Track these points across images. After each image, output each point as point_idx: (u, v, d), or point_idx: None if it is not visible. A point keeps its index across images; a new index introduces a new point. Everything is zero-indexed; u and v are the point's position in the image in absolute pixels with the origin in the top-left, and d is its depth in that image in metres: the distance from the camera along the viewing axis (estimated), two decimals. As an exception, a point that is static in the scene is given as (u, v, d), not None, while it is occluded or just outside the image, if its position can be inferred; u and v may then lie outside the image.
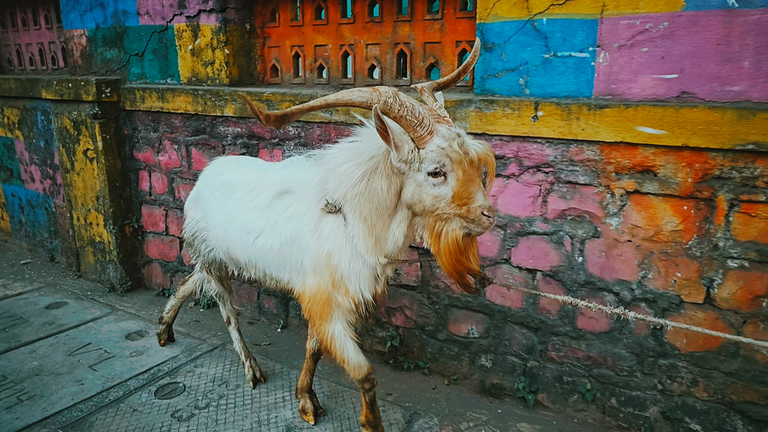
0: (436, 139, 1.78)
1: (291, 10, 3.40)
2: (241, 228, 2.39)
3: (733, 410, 2.41)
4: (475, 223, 1.79)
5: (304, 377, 2.68)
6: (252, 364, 2.97)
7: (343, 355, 2.24)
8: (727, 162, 2.19)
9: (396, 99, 1.75)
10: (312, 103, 1.78)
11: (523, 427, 2.67)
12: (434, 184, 1.80)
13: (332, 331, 2.22)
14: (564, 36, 2.40)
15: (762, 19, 2.04)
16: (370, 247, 2.03)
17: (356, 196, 1.96)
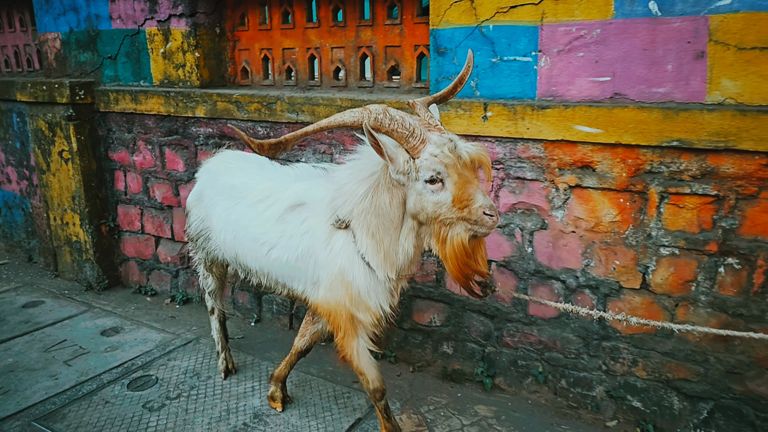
0: (428, 147, 1.82)
1: (260, 15, 3.53)
2: (254, 238, 2.42)
3: (669, 387, 2.61)
4: (479, 224, 1.82)
5: (284, 368, 2.74)
6: (226, 356, 3.08)
7: (361, 369, 2.32)
8: (656, 158, 2.38)
9: (386, 114, 1.82)
10: (307, 129, 1.88)
11: (480, 409, 2.84)
12: (433, 191, 1.84)
13: (356, 347, 2.28)
14: (509, 41, 2.57)
15: (681, 26, 2.23)
16: (379, 263, 2.07)
17: (362, 212, 2.02)
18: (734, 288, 2.38)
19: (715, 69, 2.22)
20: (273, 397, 2.78)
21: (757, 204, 2.27)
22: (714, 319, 2.44)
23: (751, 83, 2.17)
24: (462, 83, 2.09)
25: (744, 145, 2.19)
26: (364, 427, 2.65)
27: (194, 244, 2.88)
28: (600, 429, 2.70)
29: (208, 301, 3.06)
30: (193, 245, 2.91)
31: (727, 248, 2.35)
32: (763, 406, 2.41)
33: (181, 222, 3.98)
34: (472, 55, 2.11)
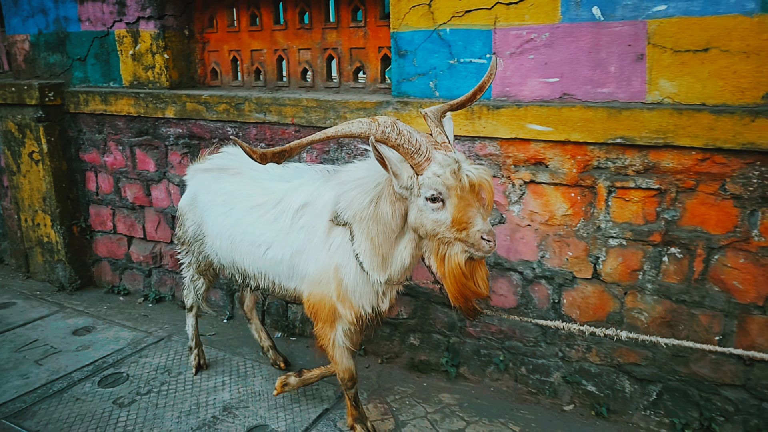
0: (432, 166, 1.83)
1: (228, 17, 3.59)
2: (251, 242, 2.44)
3: (621, 372, 2.75)
4: (475, 248, 1.83)
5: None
6: (199, 352, 3.13)
7: (336, 358, 2.40)
8: (603, 154, 2.52)
9: (393, 128, 1.82)
10: (312, 137, 1.86)
11: (444, 397, 2.95)
12: (433, 209, 1.86)
13: (333, 337, 2.35)
14: (465, 44, 2.68)
15: (623, 30, 2.37)
16: (376, 266, 2.11)
17: (364, 218, 2.05)
18: (677, 276, 2.53)
19: (654, 70, 2.36)
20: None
21: (696, 196, 2.42)
22: (659, 305, 2.59)
23: (686, 83, 2.32)
24: (482, 90, 2.08)
25: (681, 141, 2.34)
26: (330, 416, 2.74)
27: (187, 248, 2.89)
28: (557, 413, 2.84)
29: (188, 298, 3.05)
30: (184, 248, 2.92)
31: (670, 238, 2.50)
32: (706, 387, 2.57)
33: (153, 221, 4.01)
34: (495, 62, 2.09)
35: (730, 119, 2.23)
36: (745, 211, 2.35)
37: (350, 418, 2.56)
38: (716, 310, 2.49)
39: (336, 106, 3.04)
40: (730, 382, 2.53)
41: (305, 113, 3.14)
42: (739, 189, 2.33)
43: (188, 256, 2.92)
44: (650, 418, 2.72)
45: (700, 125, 2.29)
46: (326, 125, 3.10)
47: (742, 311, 2.44)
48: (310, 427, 2.65)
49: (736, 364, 2.50)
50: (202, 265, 2.88)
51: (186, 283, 3.03)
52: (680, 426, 2.62)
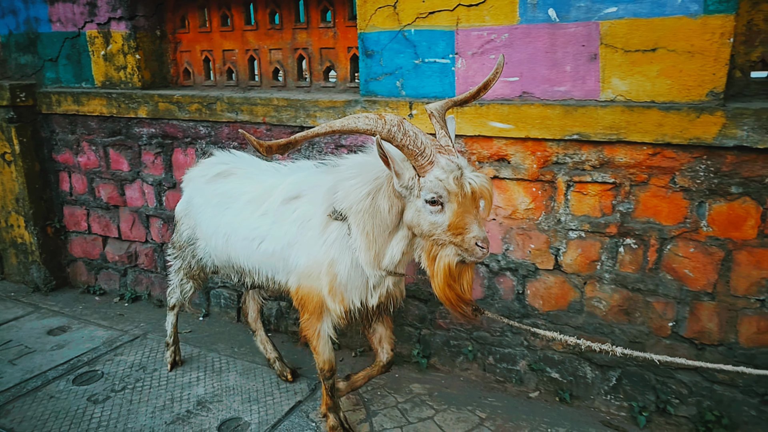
0: (435, 170, 1.84)
1: (199, 17, 3.62)
2: (245, 236, 2.45)
3: (582, 359, 2.87)
4: (469, 252, 1.86)
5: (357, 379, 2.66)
6: (175, 349, 3.16)
7: (319, 350, 2.45)
8: (561, 150, 2.63)
9: (400, 128, 1.82)
10: (317, 129, 1.85)
11: (415, 387, 3.04)
12: (431, 211, 1.87)
13: (319, 329, 2.40)
14: (429, 45, 2.77)
15: (577, 31, 2.47)
16: (370, 260, 2.11)
17: (360, 211, 2.05)
18: (633, 265, 2.65)
19: (607, 69, 2.47)
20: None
21: (648, 190, 2.54)
22: (617, 294, 2.71)
23: (636, 82, 2.43)
24: (487, 88, 2.09)
25: (633, 137, 2.45)
26: (303, 408, 2.81)
27: (180, 252, 2.89)
28: (523, 399, 2.95)
29: (172, 298, 3.05)
30: (177, 252, 2.93)
31: (625, 230, 2.62)
32: (662, 371, 2.70)
33: (127, 221, 4.03)
34: (502, 61, 2.09)
35: (678, 116, 2.35)
36: (693, 203, 2.47)
37: (324, 406, 2.62)
38: (669, 298, 2.61)
39: (306, 105, 3.10)
40: (683, 366, 2.65)
41: (276, 112, 3.19)
42: (687, 182, 2.45)
43: (179, 260, 2.92)
44: (611, 402, 2.84)
45: (650, 122, 2.40)
46: (297, 124, 3.16)
47: (693, 298, 2.57)
48: (283, 418, 2.72)
49: (689, 349, 2.63)
50: (194, 269, 2.86)
51: (173, 285, 3.03)
52: (638, 408, 2.75)
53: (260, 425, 2.66)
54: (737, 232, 2.43)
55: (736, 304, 2.50)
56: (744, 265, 2.45)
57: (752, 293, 2.46)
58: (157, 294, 4.10)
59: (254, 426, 2.65)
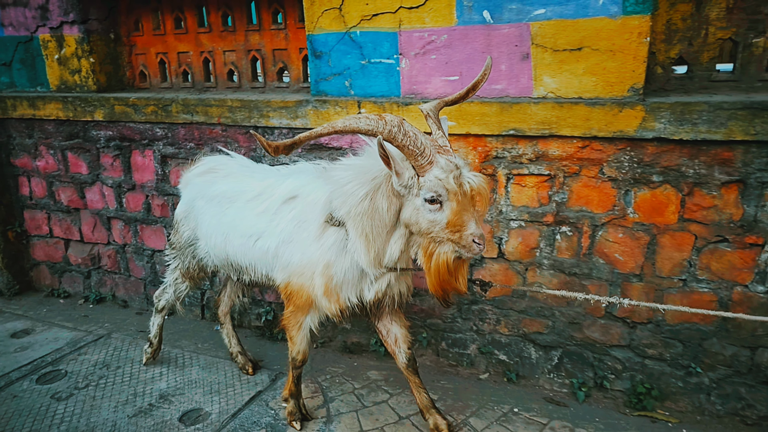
0: (435, 169, 1.89)
1: (153, 20, 3.66)
2: (243, 233, 2.50)
3: (527, 340, 3.05)
4: (466, 249, 1.91)
5: (419, 396, 2.60)
6: (157, 348, 3.19)
7: (296, 340, 2.51)
8: (500, 145, 2.78)
9: (400, 128, 1.86)
10: (319, 129, 1.88)
11: (372, 374, 3.18)
12: (430, 210, 1.92)
13: (302, 322, 2.46)
14: (374, 46, 2.88)
15: (510, 32, 2.62)
16: (370, 261, 2.14)
17: (359, 214, 2.06)
18: (568, 252, 2.83)
19: (538, 68, 2.63)
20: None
21: (580, 180, 2.71)
22: (555, 279, 2.89)
23: (565, 80, 2.60)
24: (476, 89, 2.16)
25: (563, 131, 2.62)
26: (263, 397, 2.93)
27: (179, 253, 2.92)
28: (474, 381, 3.12)
29: (161, 300, 3.08)
30: (175, 253, 2.95)
31: (561, 218, 2.80)
32: (598, 349, 2.90)
33: (89, 223, 4.06)
34: (490, 63, 2.15)
35: (603, 110, 2.53)
36: (620, 192, 2.66)
37: (287, 391, 2.70)
38: (602, 280, 2.80)
39: (259, 106, 3.19)
40: (618, 343, 2.86)
41: (231, 113, 3.28)
42: (614, 172, 2.63)
43: (177, 260, 2.95)
44: (553, 380, 3.03)
45: (578, 116, 2.57)
46: (251, 124, 3.25)
47: (623, 280, 2.76)
48: (243, 407, 2.83)
49: (622, 327, 2.83)
50: (192, 270, 2.89)
51: (165, 285, 3.06)
52: (578, 384, 2.94)
53: (221, 414, 2.77)
54: (660, 218, 2.62)
55: (662, 284, 2.70)
56: (667, 248, 2.65)
57: (675, 274, 2.66)
58: (122, 295, 4.14)
59: (215, 415, 2.76)
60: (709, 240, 2.57)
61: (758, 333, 2.60)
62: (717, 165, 2.47)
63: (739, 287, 2.58)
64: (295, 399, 2.71)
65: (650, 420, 2.76)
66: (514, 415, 2.80)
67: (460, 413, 2.81)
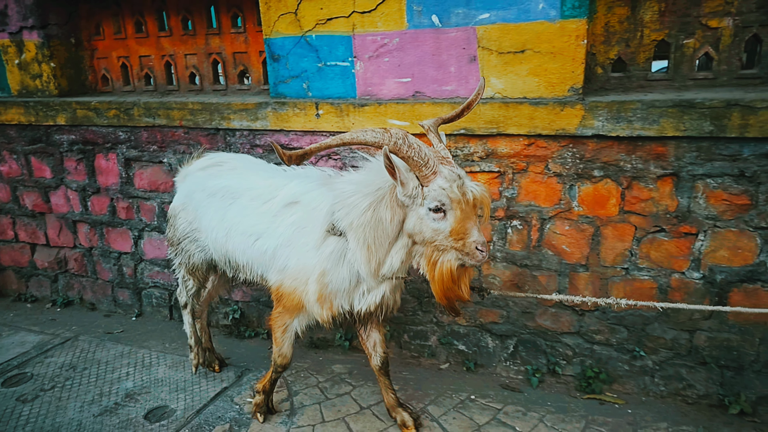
0: (438, 179, 1.95)
1: (114, 24, 3.69)
2: (243, 231, 2.51)
3: (483, 330, 3.18)
4: (470, 256, 1.97)
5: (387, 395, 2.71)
6: (198, 351, 3.10)
7: (281, 343, 2.53)
8: (452, 144, 2.90)
9: (405, 141, 1.92)
10: (329, 141, 1.96)
11: (336, 368, 3.28)
12: (434, 218, 1.97)
13: (288, 324, 2.49)
14: (330, 49, 2.97)
15: (458, 36, 2.74)
16: (370, 271, 2.18)
17: (362, 225, 2.10)
18: (519, 244, 2.97)
19: (485, 70, 2.75)
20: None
21: (528, 176, 2.85)
22: (508, 271, 3.02)
23: (510, 80, 2.72)
24: (470, 108, 2.24)
25: (510, 130, 2.75)
26: (229, 393, 3.00)
27: (177, 248, 2.90)
28: (435, 371, 3.24)
29: (181, 296, 3.04)
30: (174, 249, 2.93)
31: (512, 213, 2.93)
32: (550, 336, 3.04)
33: (54, 227, 4.07)
34: (483, 84, 2.22)
35: (546, 110, 2.66)
36: (565, 186, 2.80)
37: (261, 386, 2.73)
38: (551, 271, 2.94)
39: (220, 108, 3.25)
40: (568, 331, 3.00)
41: (192, 116, 3.33)
42: (559, 168, 2.77)
43: (177, 257, 2.94)
44: (510, 368, 3.17)
45: (523, 116, 2.70)
46: (212, 126, 3.31)
47: (571, 270, 2.91)
48: (208, 403, 2.90)
49: (572, 315, 2.98)
50: (191, 265, 2.88)
51: (179, 282, 3.05)
52: (532, 371, 3.09)
53: (186, 410, 2.83)
54: (603, 210, 2.77)
55: (606, 273, 2.85)
56: (610, 239, 2.80)
57: (618, 263, 2.82)
58: (90, 298, 4.16)
59: (180, 412, 2.82)
60: (647, 230, 2.73)
61: (695, 317, 2.77)
62: (652, 159, 2.62)
63: (676, 274, 2.74)
64: (265, 395, 2.77)
65: (599, 402, 2.92)
66: (471, 401, 2.92)
67: (420, 402, 2.92)
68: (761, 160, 2.46)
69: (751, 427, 2.68)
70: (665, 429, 2.68)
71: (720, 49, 2.61)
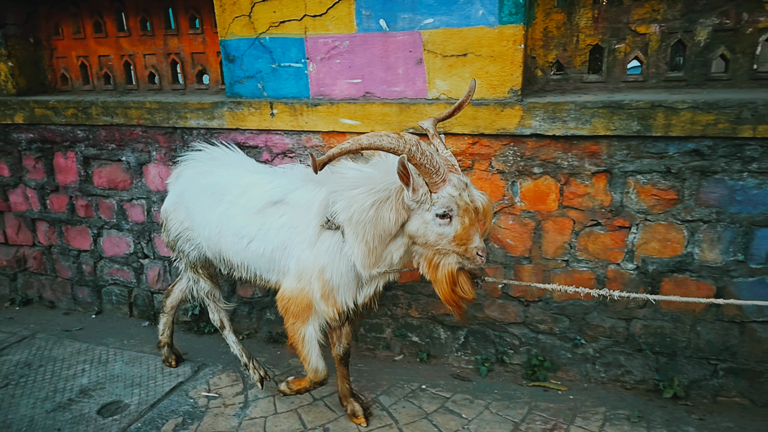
0: (448, 186, 2.01)
1: (73, 24, 3.72)
2: (235, 232, 2.52)
3: (435, 322, 3.30)
4: (470, 261, 2.06)
5: (342, 384, 2.79)
6: (255, 365, 3.03)
7: (308, 357, 2.48)
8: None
9: (418, 148, 1.96)
10: (347, 145, 1.97)
11: (293, 362, 3.35)
12: (440, 224, 2.03)
13: (304, 333, 2.45)
14: (283, 51, 3.06)
15: (404, 39, 2.86)
16: (368, 265, 2.21)
17: (362, 221, 2.11)
18: (467, 239, 3.09)
19: (431, 72, 2.87)
20: (354, 414, 2.77)
21: (474, 173, 2.98)
22: (457, 264, 3.14)
23: (454, 82, 2.85)
24: (461, 108, 2.31)
25: (455, 129, 2.88)
26: (184, 387, 3.05)
27: (175, 250, 2.90)
28: (389, 363, 3.34)
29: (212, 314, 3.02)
30: (173, 251, 2.93)
31: (459, 209, 3.05)
32: (498, 327, 3.17)
33: (13, 226, 4.06)
34: (474, 85, 2.29)
35: (487, 110, 2.79)
36: (508, 183, 2.94)
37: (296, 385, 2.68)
38: (498, 264, 3.08)
39: (177, 108, 3.31)
40: (514, 321, 3.14)
41: (150, 115, 3.38)
42: (501, 165, 2.91)
43: (181, 259, 2.92)
44: (461, 358, 3.29)
45: (467, 116, 2.83)
46: (169, 125, 3.37)
47: (515, 262, 3.05)
48: (163, 398, 2.95)
49: (518, 306, 3.12)
50: (193, 263, 2.87)
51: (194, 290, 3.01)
52: (481, 361, 3.21)
53: (139, 405, 2.88)
54: (543, 205, 2.92)
55: (548, 265, 3.00)
56: (551, 233, 2.95)
57: (558, 255, 2.97)
58: (49, 296, 4.16)
59: (133, 406, 2.87)
60: (585, 224, 2.88)
61: (631, 306, 2.93)
62: (587, 157, 2.78)
63: (612, 266, 2.90)
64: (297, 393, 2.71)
65: (543, 389, 3.06)
66: (421, 391, 3.03)
67: (372, 392, 3.02)
68: (685, 157, 2.63)
69: (683, 410, 2.84)
70: (603, 413, 2.82)
71: (648, 54, 2.79)
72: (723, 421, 2.73)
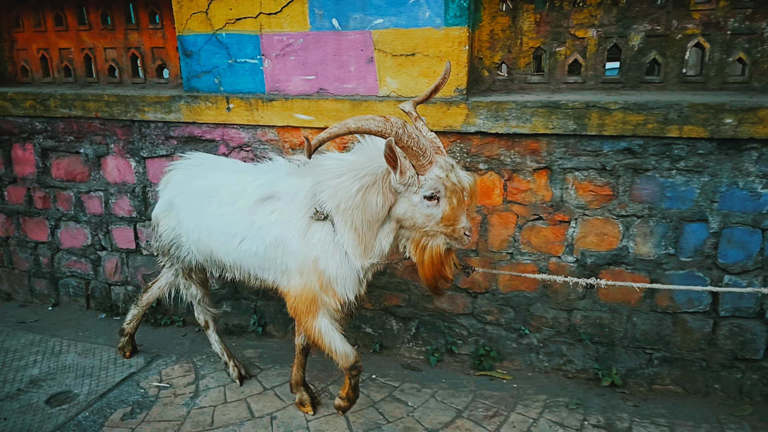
0: (435, 168, 2.02)
1: (34, 17, 3.73)
2: (225, 232, 2.49)
3: (388, 313, 3.38)
4: (457, 241, 2.09)
5: (296, 372, 2.81)
6: (235, 363, 3.06)
7: (331, 347, 2.42)
8: (355, 138, 3.10)
9: (405, 130, 1.95)
10: (335, 130, 1.93)
11: (248, 352, 3.41)
12: (428, 205, 2.04)
13: (319, 326, 2.40)
14: (239, 47, 3.14)
15: (356, 38, 2.95)
16: (359, 254, 2.22)
17: (349, 208, 2.11)
18: (418, 233, 3.19)
19: (381, 70, 2.98)
20: (302, 402, 2.81)
21: (423, 169, 3.08)
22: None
23: (404, 81, 2.96)
24: (437, 90, 2.31)
25: (405, 125, 2.98)
26: (136, 378, 3.08)
27: (167, 256, 2.87)
28: (343, 355, 3.41)
29: (198, 315, 3.02)
30: (164, 259, 2.91)
31: (410, 203, 3.15)
32: (448, 318, 3.27)
33: (-31, 219, 4.03)
34: (449, 68, 2.30)
35: (435, 108, 2.90)
36: (456, 178, 3.05)
37: (344, 392, 2.61)
38: (446, 257, 3.18)
39: (135, 101, 3.35)
40: (463, 312, 3.25)
41: (108, 107, 3.41)
42: (449, 161, 3.02)
43: (172, 265, 2.90)
44: (412, 349, 3.38)
45: (416, 112, 2.94)
46: (127, 118, 3.41)
47: (464, 255, 3.15)
48: (113, 388, 2.97)
49: (466, 297, 3.22)
50: (185, 269, 2.86)
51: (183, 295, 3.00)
52: (431, 351, 3.31)
53: (89, 395, 2.90)
54: (489, 200, 3.04)
55: (494, 257, 3.12)
56: (496, 226, 3.06)
57: (504, 248, 3.09)
58: (5, 287, 4.14)
59: (82, 396, 2.88)
60: (527, 218, 3.01)
61: (571, 297, 3.06)
62: (528, 154, 2.90)
63: (553, 258, 3.03)
64: (350, 402, 2.63)
65: (489, 378, 3.16)
66: (371, 381, 3.11)
67: (322, 382, 3.09)
68: (618, 155, 2.78)
69: (620, 397, 2.97)
70: (543, 401, 2.94)
71: (587, 57, 2.93)
72: (656, 408, 2.87)
